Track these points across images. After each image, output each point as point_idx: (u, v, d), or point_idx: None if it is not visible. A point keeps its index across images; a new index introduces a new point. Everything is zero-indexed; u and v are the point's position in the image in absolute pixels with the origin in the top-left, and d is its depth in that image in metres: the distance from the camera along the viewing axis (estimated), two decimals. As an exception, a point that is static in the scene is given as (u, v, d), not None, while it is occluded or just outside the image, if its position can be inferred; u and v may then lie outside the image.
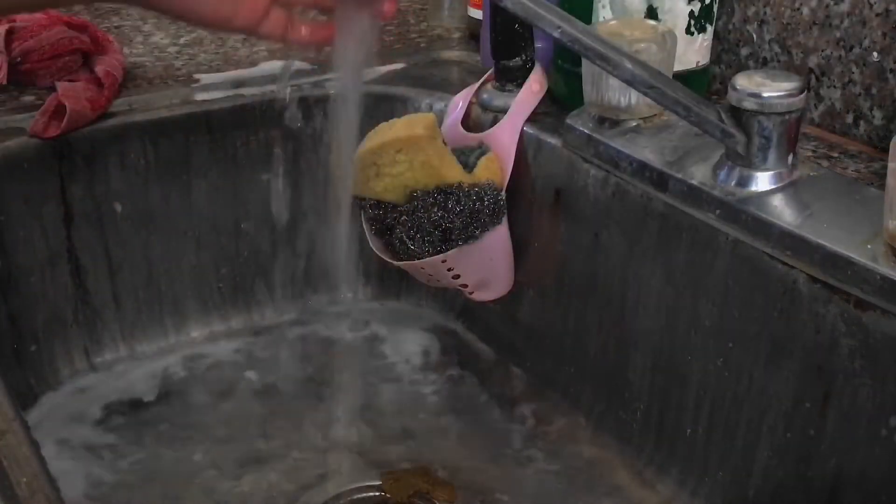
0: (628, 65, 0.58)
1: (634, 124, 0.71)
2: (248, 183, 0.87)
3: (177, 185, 0.84)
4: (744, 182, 0.62)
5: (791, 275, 0.59)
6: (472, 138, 0.79)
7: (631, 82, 0.59)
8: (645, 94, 0.60)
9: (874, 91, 0.71)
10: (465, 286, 0.80)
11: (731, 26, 0.81)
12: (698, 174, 0.64)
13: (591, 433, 0.76)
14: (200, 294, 0.88)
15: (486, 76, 0.83)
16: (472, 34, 0.99)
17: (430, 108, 0.84)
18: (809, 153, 0.71)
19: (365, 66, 0.60)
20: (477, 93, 0.83)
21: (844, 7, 0.71)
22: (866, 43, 0.71)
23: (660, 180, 0.66)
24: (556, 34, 0.57)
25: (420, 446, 0.76)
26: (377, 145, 0.73)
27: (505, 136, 0.78)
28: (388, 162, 0.74)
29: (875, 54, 0.70)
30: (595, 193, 0.72)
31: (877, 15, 0.69)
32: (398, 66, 0.92)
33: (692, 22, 0.75)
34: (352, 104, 0.61)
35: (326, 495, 0.71)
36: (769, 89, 0.59)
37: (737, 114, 0.60)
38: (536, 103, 0.79)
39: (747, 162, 0.61)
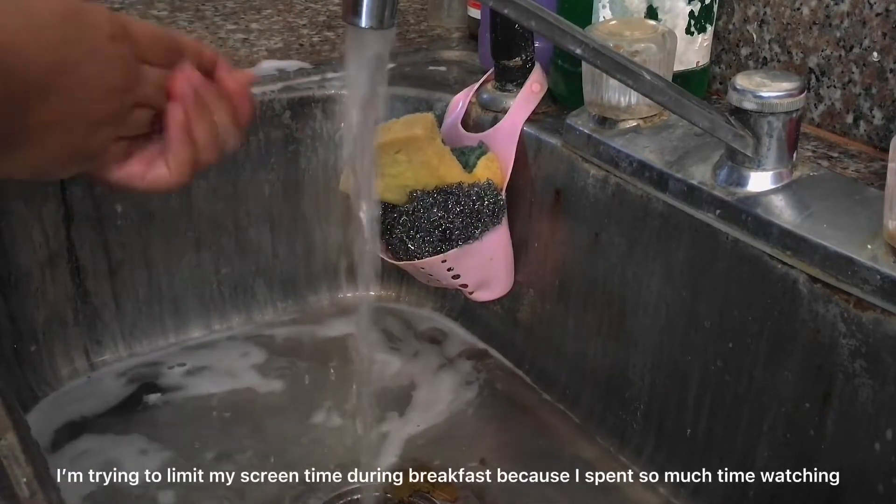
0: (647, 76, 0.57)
1: (634, 124, 0.71)
2: (248, 183, 0.87)
3: (177, 185, 0.84)
4: (744, 182, 0.61)
5: (791, 275, 0.59)
6: (472, 138, 0.79)
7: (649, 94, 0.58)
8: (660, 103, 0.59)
9: (874, 91, 0.71)
10: (465, 286, 0.80)
11: (731, 26, 0.81)
12: (698, 174, 0.64)
13: (592, 433, 0.76)
14: (200, 294, 0.88)
15: (486, 76, 0.83)
16: (472, 34, 0.99)
17: (430, 108, 0.84)
18: (809, 153, 0.71)
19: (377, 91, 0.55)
20: (477, 93, 0.83)
21: (844, 7, 0.71)
22: (866, 43, 0.71)
23: (660, 180, 0.66)
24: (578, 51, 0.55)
25: (419, 446, 0.76)
26: (376, 145, 0.73)
27: (505, 136, 0.78)
28: (387, 162, 0.74)
29: (875, 54, 0.70)
30: (595, 193, 0.72)
31: (877, 15, 0.69)
32: (398, 65, 0.92)
33: (692, 22, 0.75)
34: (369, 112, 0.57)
35: (327, 494, 0.71)
36: (769, 89, 0.59)
37: (742, 116, 0.60)
38: (536, 103, 0.79)
39: (749, 162, 0.61)
